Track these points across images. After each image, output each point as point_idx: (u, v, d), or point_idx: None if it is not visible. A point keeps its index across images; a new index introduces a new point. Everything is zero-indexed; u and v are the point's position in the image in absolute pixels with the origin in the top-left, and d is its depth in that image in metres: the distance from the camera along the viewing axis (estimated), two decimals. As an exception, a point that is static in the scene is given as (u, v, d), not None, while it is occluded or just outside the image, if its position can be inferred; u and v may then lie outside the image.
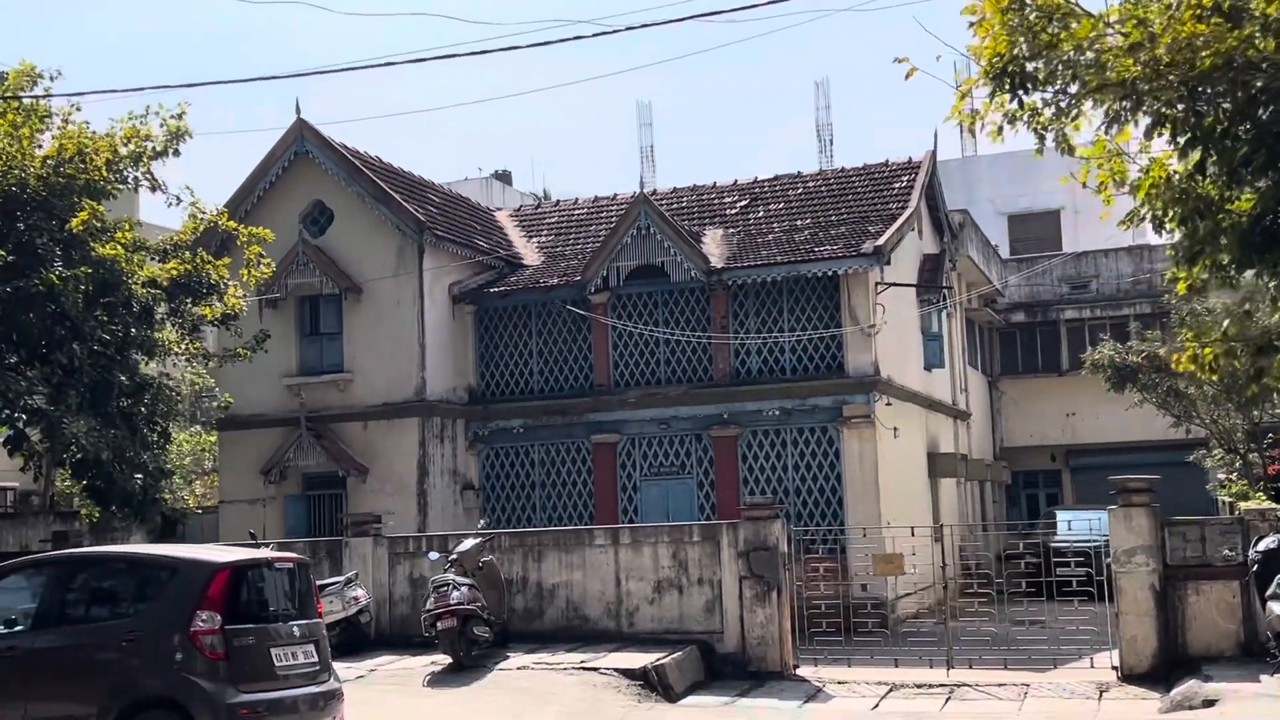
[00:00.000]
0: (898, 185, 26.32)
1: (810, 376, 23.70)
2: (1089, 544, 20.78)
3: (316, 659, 11.27)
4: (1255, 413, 25.20)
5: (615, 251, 24.51)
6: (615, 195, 29.53)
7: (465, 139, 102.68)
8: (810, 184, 27.69)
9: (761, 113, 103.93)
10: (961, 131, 46.27)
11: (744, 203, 27.50)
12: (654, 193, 27.95)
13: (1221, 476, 27.71)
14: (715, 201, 27.91)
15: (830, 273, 23.23)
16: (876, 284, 23.41)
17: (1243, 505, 20.39)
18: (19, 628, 11.10)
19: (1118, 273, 36.29)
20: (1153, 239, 38.37)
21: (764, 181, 28.21)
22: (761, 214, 26.88)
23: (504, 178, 53.78)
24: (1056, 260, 36.92)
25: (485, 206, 32.55)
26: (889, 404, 23.78)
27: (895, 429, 23.92)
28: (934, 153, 27.11)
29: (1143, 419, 30.41)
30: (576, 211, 29.62)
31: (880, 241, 22.88)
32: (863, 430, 23.01)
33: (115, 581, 11.41)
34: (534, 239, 28.78)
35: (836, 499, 23.10)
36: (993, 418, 36.35)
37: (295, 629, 11.16)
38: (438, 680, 15.41)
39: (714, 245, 25.17)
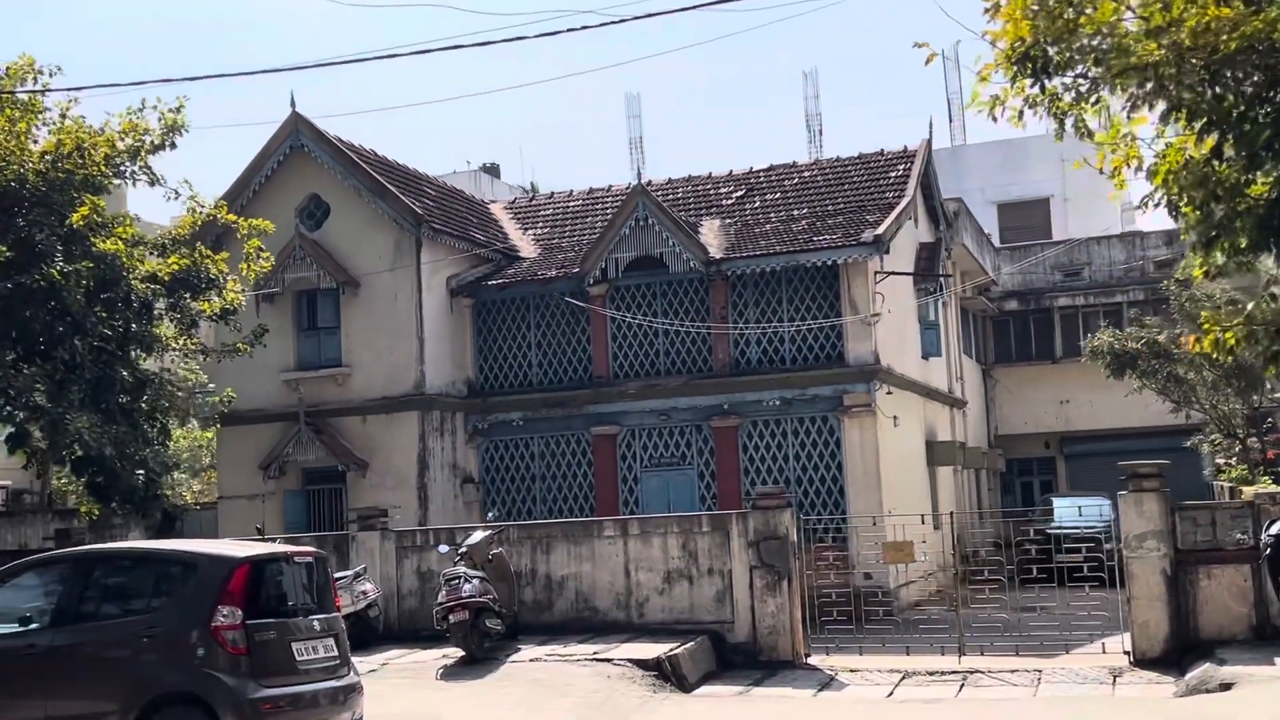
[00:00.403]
0: (893, 174, 26.32)
1: (810, 366, 23.68)
2: (1092, 530, 20.90)
3: (336, 653, 11.24)
4: (1255, 397, 25.32)
5: (613, 243, 24.43)
6: (610, 187, 29.45)
7: (453, 132, 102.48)
8: (806, 174, 27.68)
9: (751, 104, 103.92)
10: (950, 118, 46.43)
11: (740, 193, 27.46)
12: (649, 184, 27.88)
13: (1220, 461, 27.81)
14: (711, 192, 27.85)
15: (829, 262, 23.22)
16: (876, 273, 23.42)
17: (1247, 490, 20.47)
18: (36, 625, 10.96)
19: (1110, 260, 36.39)
20: (1144, 226, 38.56)
21: (759, 172, 28.16)
22: (758, 204, 26.85)
23: (492, 170, 53.80)
24: (1051, 248, 37.02)
25: (479, 199, 32.45)
26: (889, 393, 23.79)
27: (895, 418, 23.93)
28: (929, 141, 27.13)
29: (1136, 405, 30.51)
30: (571, 204, 29.52)
31: (880, 230, 22.88)
32: (863, 419, 23.03)
33: (133, 578, 11.31)
34: (529, 231, 28.70)
35: (838, 488, 23.11)
36: (987, 406, 36.42)
37: (315, 623, 11.11)
38: (451, 673, 15.36)
39: (711, 236, 25.12)
